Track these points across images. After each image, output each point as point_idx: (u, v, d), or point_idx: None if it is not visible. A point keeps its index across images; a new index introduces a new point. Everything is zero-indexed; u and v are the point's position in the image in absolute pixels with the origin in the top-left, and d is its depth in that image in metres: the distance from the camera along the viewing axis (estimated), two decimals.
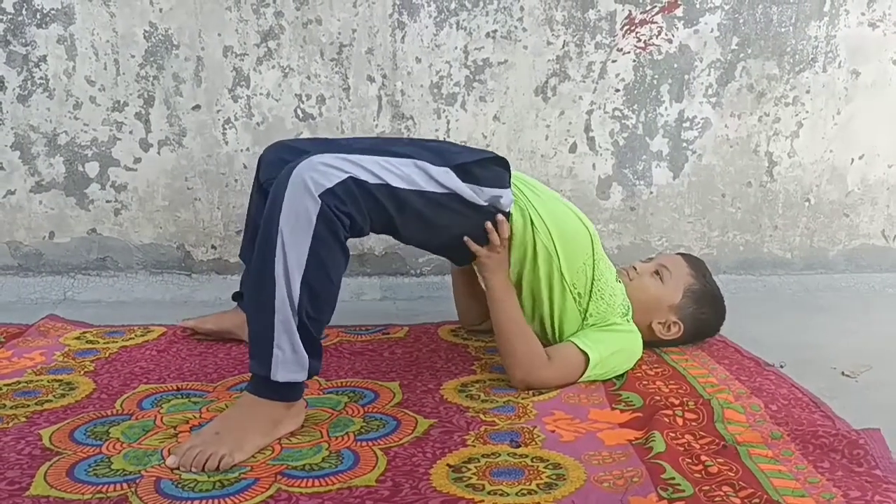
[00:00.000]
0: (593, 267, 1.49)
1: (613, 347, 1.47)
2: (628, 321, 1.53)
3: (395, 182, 1.25)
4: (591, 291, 1.49)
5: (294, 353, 1.14)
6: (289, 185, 1.14)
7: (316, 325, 1.17)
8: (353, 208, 1.18)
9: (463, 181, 1.34)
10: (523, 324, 1.46)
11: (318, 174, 1.15)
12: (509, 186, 1.43)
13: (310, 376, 1.18)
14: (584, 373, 1.43)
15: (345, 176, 1.18)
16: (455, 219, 1.37)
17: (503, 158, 1.43)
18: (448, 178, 1.32)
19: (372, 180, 1.22)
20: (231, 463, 1.09)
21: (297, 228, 1.13)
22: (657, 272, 1.61)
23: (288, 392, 1.17)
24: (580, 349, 1.43)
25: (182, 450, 1.10)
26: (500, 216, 1.42)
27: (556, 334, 1.52)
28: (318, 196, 1.14)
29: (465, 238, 1.42)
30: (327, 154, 1.20)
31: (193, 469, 1.07)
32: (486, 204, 1.39)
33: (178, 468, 1.08)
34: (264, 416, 1.16)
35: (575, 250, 1.48)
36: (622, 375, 1.49)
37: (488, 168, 1.39)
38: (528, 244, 1.46)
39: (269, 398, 1.16)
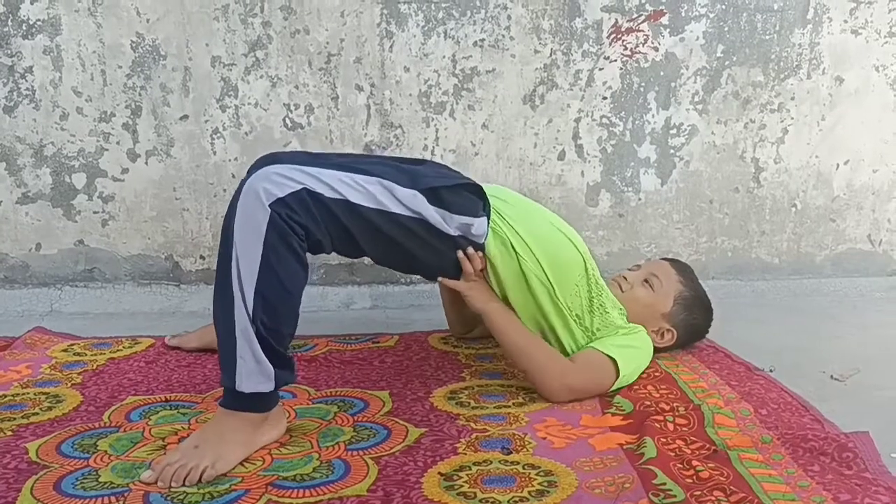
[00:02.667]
0: (588, 286, 1.47)
1: (632, 345, 1.47)
2: (624, 320, 1.54)
3: (355, 198, 1.23)
4: (591, 309, 1.48)
5: (257, 364, 1.13)
6: (242, 194, 1.14)
7: (275, 335, 1.15)
8: (307, 219, 1.17)
9: (431, 205, 1.31)
10: (533, 336, 1.44)
11: (270, 184, 1.14)
12: (483, 216, 1.40)
13: (278, 386, 1.17)
14: (616, 375, 1.41)
15: (298, 187, 1.16)
16: (421, 244, 1.34)
17: (479, 186, 1.40)
18: (415, 202, 1.29)
19: (329, 194, 1.20)
20: (214, 475, 1.08)
21: (248, 238, 1.12)
22: (647, 281, 1.61)
23: (257, 403, 1.16)
24: (602, 353, 1.42)
25: (161, 466, 1.08)
26: (470, 250, 1.39)
27: (567, 353, 1.49)
28: (269, 205, 1.13)
29: (440, 279, 1.42)
30: (285, 165, 1.19)
31: (174, 484, 1.05)
32: (455, 234, 1.36)
33: (155, 483, 1.06)
34: (241, 428, 1.15)
35: (566, 273, 1.45)
36: None
37: (460, 194, 1.36)
38: (515, 275, 1.43)
39: (239, 410, 1.15)
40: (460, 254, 1.39)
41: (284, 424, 1.23)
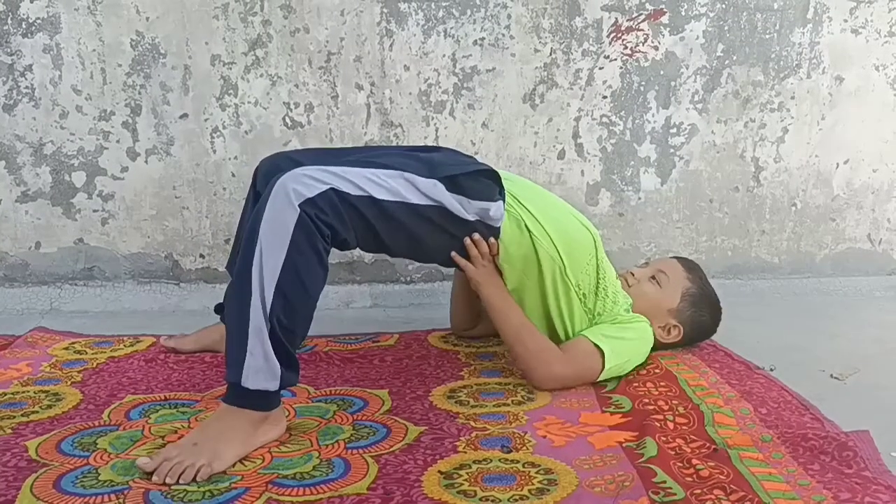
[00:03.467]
0: (597, 266, 1.51)
1: (624, 336, 1.48)
2: (628, 311, 1.55)
3: (380, 194, 1.26)
4: (596, 290, 1.51)
5: (266, 361, 1.14)
6: (271, 194, 1.17)
7: (289, 335, 1.16)
8: (334, 219, 1.19)
9: (451, 192, 1.34)
10: (529, 324, 1.47)
11: (300, 185, 1.17)
12: (500, 199, 1.43)
13: (283, 387, 1.17)
14: (602, 366, 1.43)
15: (326, 187, 1.20)
16: (439, 231, 1.37)
17: (495, 171, 1.43)
18: (435, 191, 1.33)
19: (355, 192, 1.23)
20: (210, 473, 1.08)
21: (274, 236, 1.14)
22: (654, 277, 1.62)
23: (260, 401, 1.16)
24: (592, 342, 1.44)
25: (159, 459, 1.08)
26: (476, 235, 1.42)
27: (568, 337, 1.52)
28: (298, 205, 1.15)
29: (453, 254, 1.44)
30: (314, 167, 1.22)
31: (169, 481, 1.05)
32: (472, 219, 1.39)
33: (151, 474, 1.06)
34: (241, 425, 1.15)
35: (578, 251, 1.49)
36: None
37: (478, 180, 1.40)
38: (528, 253, 1.47)
39: (243, 406, 1.15)
40: (467, 240, 1.42)
41: (284, 424, 1.23)
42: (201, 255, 2.14)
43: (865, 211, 2.38)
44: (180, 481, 1.06)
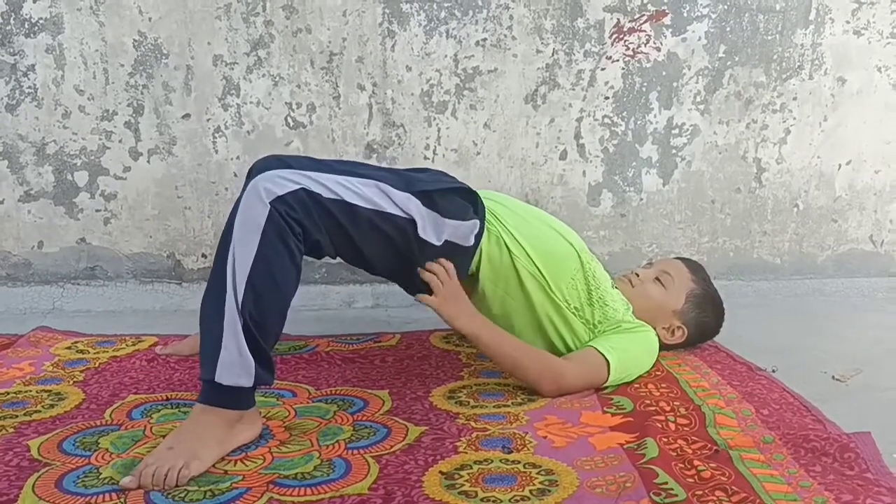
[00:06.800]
0: (584, 280, 1.49)
1: (632, 349, 1.48)
2: (632, 317, 1.55)
3: (352, 199, 1.28)
4: (590, 302, 1.50)
5: (239, 356, 1.14)
6: (245, 194, 1.20)
7: (261, 330, 1.16)
8: (304, 217, 1.21)
9: (426, 207, 1.35)
10: (518, 343, 1.45)
11: (271, 184, 1.20)
12: (474, 219, 1.43)
13: (257, 384, 1.17)
14: (608, 374, 1.43)
15: (297, 187, 1.22)
16: (407, 246, 1.35)
17: (471, 190, 1.43)
18: (409, 204, 1.33)
19: (326, 194, 1.25)
20: (189, 475, 1.07)
21: (246, 232, 1.17)
22: (658, 278, 1.62)
23: (235, 398, 1.16)
24: (601, 353, 1.43)
25: (139, 470, 1.08)
26: (429, 264, 1.38)
27: (570, 350, 1.51)
28: (269, 202, 1.18)
29: (418, 296, 1.41)
30: (289, 170, 1.25)
31: (154, 487, 1.05)
32: (439, 244, 1.37)
33: (136, 489, 1.05)
34: (216, 425, 1.15)
35: (560, 267, 1.48)
36: None
37: (452, 199, 1.40)
38: (509, 273, 1.46)
39: (216, 405, 1.15)
40: (421, 271, 1.38)
41: (259, 426, 1.23)
42: (203, 255, 2.14)
43: (867, 212, 2.37)
44: (165, 485, 1.05)
